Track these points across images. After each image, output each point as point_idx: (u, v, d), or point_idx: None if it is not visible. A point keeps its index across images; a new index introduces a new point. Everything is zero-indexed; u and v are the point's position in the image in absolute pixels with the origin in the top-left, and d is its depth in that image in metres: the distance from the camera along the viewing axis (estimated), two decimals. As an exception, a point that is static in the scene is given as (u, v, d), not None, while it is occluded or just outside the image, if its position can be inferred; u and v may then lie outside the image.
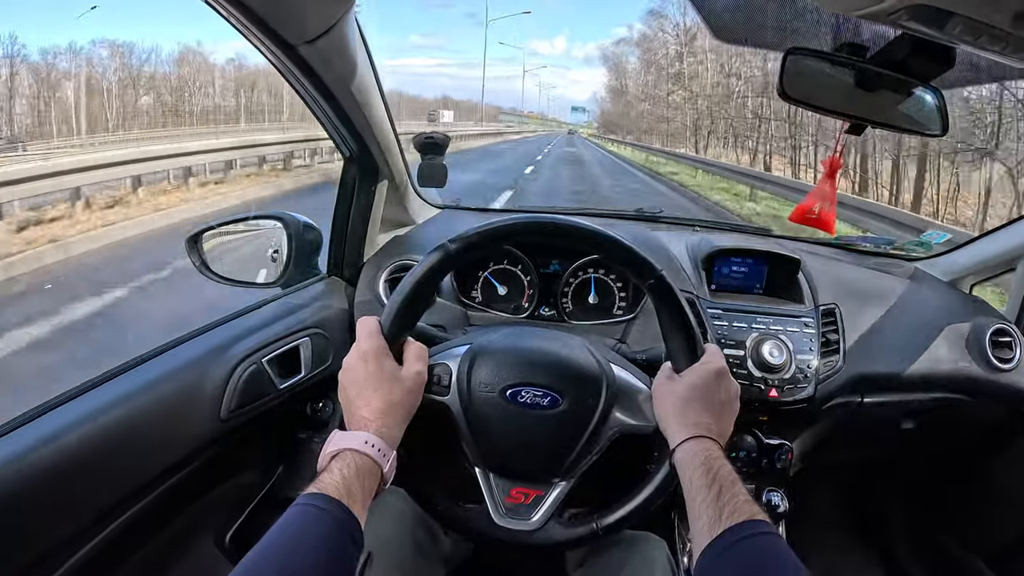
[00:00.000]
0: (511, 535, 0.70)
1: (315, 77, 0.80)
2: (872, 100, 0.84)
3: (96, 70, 23.67)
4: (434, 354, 0.74)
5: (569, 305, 1.12)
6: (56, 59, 21.42)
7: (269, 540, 0.51)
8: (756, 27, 0.87)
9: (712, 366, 0.68)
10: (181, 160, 7.39)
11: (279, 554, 0.51)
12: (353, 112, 0.90)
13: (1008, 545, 1.25)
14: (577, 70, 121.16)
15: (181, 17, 29.13)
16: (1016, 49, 0.68)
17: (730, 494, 0.57)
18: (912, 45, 0.77)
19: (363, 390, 0.64)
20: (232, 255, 1.12)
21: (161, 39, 35.21)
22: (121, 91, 23.59)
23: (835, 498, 1.58)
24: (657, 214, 1.46)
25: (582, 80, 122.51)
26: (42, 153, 10.70)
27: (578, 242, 0.75)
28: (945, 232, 1.39)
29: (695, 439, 0.63)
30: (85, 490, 0.69)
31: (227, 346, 0.89)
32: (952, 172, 9.76)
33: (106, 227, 5.37)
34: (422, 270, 0.69)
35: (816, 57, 0.81)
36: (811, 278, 1.11)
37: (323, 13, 0.70)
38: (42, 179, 5.21)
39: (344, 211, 1.10)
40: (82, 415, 0.70)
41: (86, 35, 33.59)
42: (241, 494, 1.02)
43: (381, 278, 1.10)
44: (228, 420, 0.86)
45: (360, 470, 0.58)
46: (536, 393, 0.69)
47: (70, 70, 21.82)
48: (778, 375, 0.97)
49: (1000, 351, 1.11)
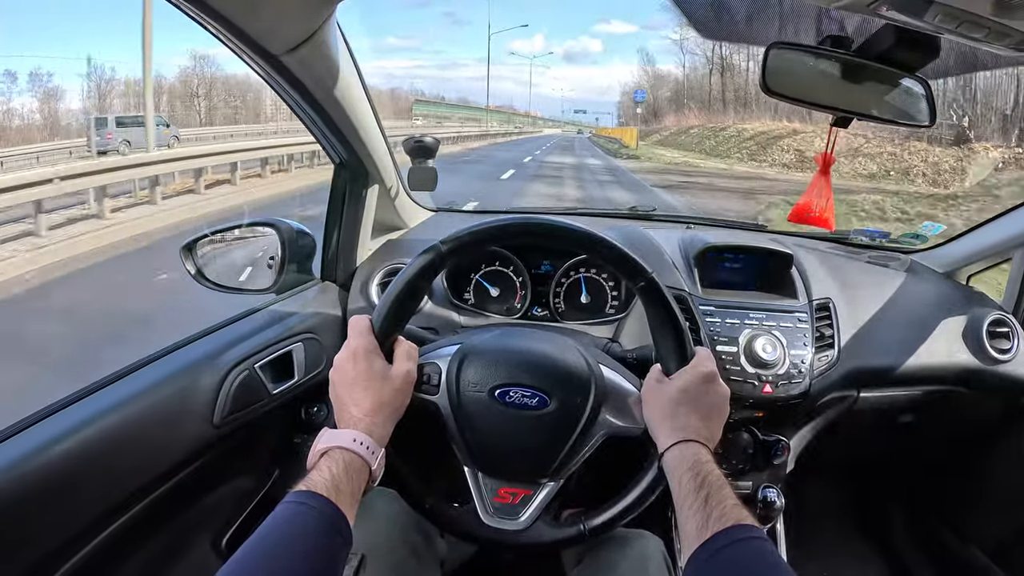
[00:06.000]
0: (499, 534, 0.70)
1: (300, 85, 0.80)
2: (858, 92, 0.84)
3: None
4: (424, 353, 0.74)
5: (561, 305, 1.12)
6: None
7: (258, 537, 0.52)
8: (738, 22, 0.87)
9: (701, 369, 0.68)
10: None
11: (268, 550, 0.52)
12: (340, 118, 0.91)
13: (1007, 537, 1.24)
14: (556, 67, 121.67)
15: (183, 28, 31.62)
16: (998, 37, 0.68)
17: (718, 498, 0.57)
18: (896, 35, 0.77)
19: (352, 389, 0.65)
20: (227, 262, 1.13)
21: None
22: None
23: (834, 493, 1.57)
24: (651, 212, 1.46)
25: (566, 77, 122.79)
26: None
27: (569, 243, 0.75)
28: (941, 224, 1.39)
29: (684, 443, 0.63)
30: (80, 496, 0.70)
31: (219, 353, 0.90)
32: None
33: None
34: (413, 270, 0.69)
35: (799, 51, 0.81)
36: (805, 273, 1.10)
37: (303, 22, 0.70)
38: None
39: (336, 217, 1.11)
40: (77, 422, 0.71)
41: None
42: (237, 498, 1.03)
43: (374, 282, 1.10)
44: (221, 426, 0.86)
45: (349, 467, 0.59)
46: (524, 393, 0.69)
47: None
48: (772, 371, 0.97)
49: (997, 342, 1.10)
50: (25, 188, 5.88)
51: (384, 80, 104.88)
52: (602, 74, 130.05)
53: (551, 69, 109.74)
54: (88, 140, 14.99)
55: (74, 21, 47.63)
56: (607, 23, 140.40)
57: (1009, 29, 0.65)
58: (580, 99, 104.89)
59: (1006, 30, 0.66)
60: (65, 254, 5.50)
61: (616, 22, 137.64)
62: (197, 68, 35.24)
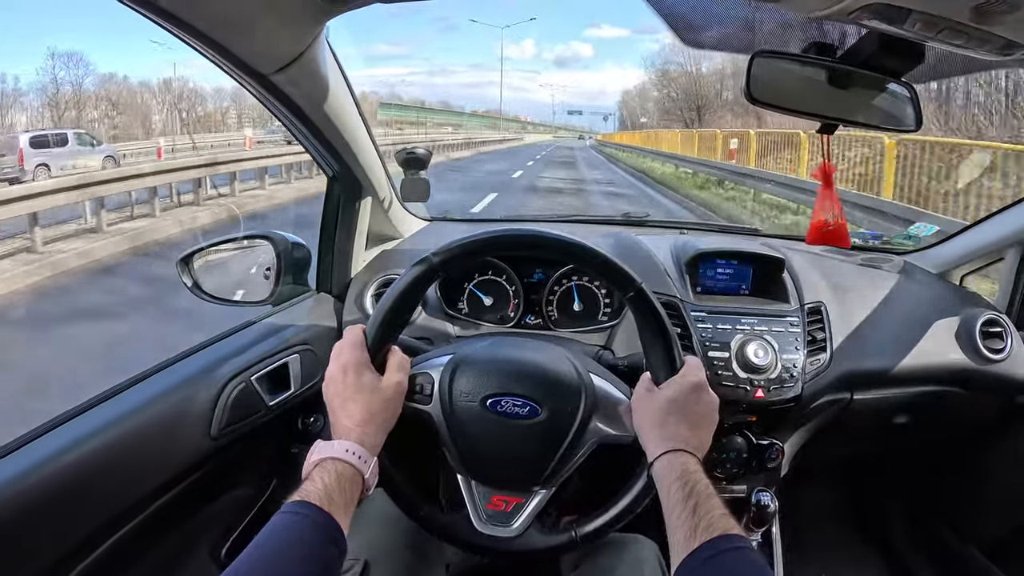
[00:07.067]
0: (492, 541, 0.71)
1: (290, 102, 0.82)
2: (843, 99, 0.85)
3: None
4: (418, 363, 0.75)
5: (554, 313, 1.13)
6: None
7: (253, 548, 0.54)
8: (721, 31, 0.87)
9: (691, 379, 0.69)
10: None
11: (263, 558, 0.53)
12: (331, 133, 0.92)
13: (1005, 535, 1.24)
14: (547, 73, 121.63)
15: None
16: (979, 43, 0.69)
17: (706, 508, 0.57)
18: (880, 41, 0.77)
19: (344, 401, 0.67)
20: (224, 274, 1.14)
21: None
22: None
23: (832, 494, 1.57)
24: (643, 218, 1.47)
25: (556, 83, 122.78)
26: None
27: (560, 254, 0.76)
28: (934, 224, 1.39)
29: (673, 453, 0.64)
30: (80, 510, 0.71)
31: (216, 366, 0.91)
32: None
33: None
34: (405, 282, 0.71)
35: (783, 59, 0.81)
36: (797, 277, 1.10)
37: (292, 42, 0.72)
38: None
39: (330, 229, 1.12)
40: (76, 437, 0.72)
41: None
42: (236, 508, 1.04)
43: (368, 293, 1.11)
44: (219, 438, 0.88)
45: (341, 477, 0.61)
46: (516, 403, 0.70)
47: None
48: (764, 375, 0.97)
49: (991, 342, 1.10)
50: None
51: (377, 87, 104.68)
52: (593, 78, 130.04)
53: (541, 74, 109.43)
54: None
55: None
56: (597, 27, 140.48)
57: (989, 35, 0.66)
58: (572, 104, 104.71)
59: (987, 36, 0.66)
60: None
61: (607, 26, 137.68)
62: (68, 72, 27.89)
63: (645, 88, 42.58)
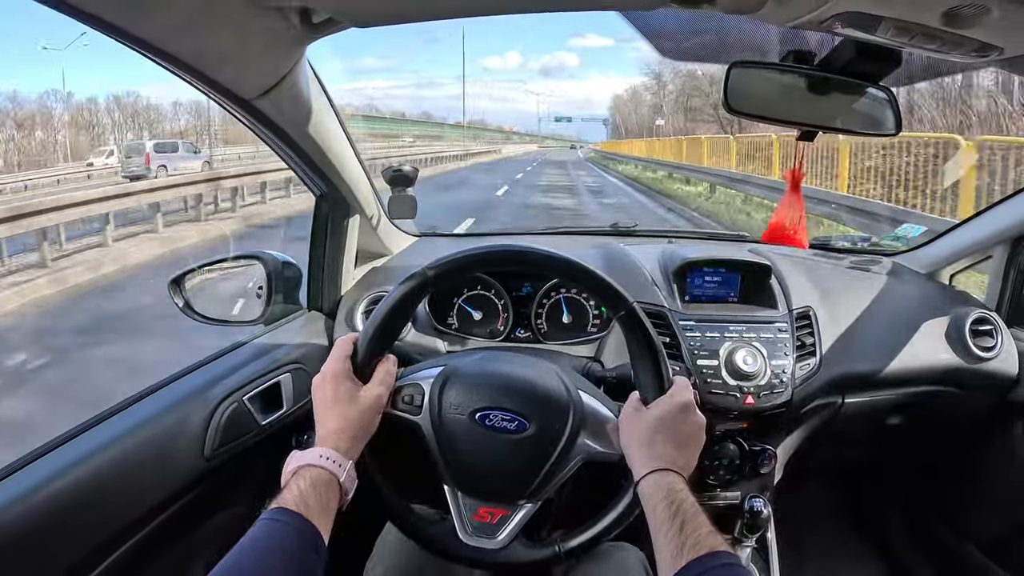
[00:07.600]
0: (476, 552, 0.72)
1: (274, 126, 0.83)
2: (822, 106, 0.85)
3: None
4: (409, 374, 0.76)
5: (544, 326, 1.13)
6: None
7: (232, 554, 0.56)
8: (699, 43, 0.88)
9: (678, 400, 0.70)
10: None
11: (241, 565, 0.55)
12: (316, 154, 0.93)
13: (1003, 532, 1.24)
14: (533, 82, 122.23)
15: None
16: (954, 46, 0.70)
17: (693, 526, 0.58)
18: (857, 48, 0.78)
19: (324, 410, 0.69)
20: (215, 294, 1.15)
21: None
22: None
23: (827, 496, 1.57)
24: (632, 228, 1.47)
25: (542, 91, 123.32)
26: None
27: (551, 271, 0.78)
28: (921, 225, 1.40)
29: (659, 472, 0.64)
30: (74, 533, 0.71)
31: (208, 387, 0.91)
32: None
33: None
34: (398, 295, 0.72)
35: (761, 68, 0.82)
36: (784, 282, 1.11)
37: (273, 67, 0.73)
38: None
39: (320, 247, 1.13)
40: (70, 461, 0.73)
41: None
42: (231, 528, 1.03)
43: (358, 310, 1.12)
44: (212, 458, 0.88)
45: (316, 482, 0.63)
46: (504, 417, 0.71)
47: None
48: (753, 382, 0.97)
49: (981, 340, 1.10)
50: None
51: (364, 101, 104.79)
52: (579, 87, 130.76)
53: (527, 83, 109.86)
54: (122, 164, 15.89)
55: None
56: (583, 37, 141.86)
57: (963, 38, 0.66)
58: (559, 112, 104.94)
59: (961, 39, 0.67)
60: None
61: (592, 36, 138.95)
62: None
63: (638, 92, 41.52)
